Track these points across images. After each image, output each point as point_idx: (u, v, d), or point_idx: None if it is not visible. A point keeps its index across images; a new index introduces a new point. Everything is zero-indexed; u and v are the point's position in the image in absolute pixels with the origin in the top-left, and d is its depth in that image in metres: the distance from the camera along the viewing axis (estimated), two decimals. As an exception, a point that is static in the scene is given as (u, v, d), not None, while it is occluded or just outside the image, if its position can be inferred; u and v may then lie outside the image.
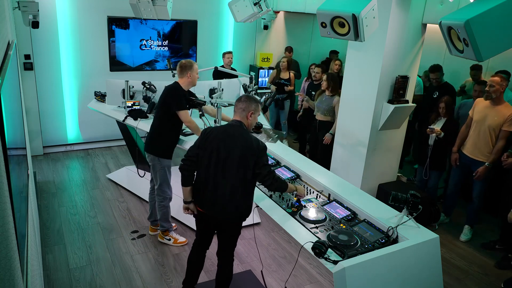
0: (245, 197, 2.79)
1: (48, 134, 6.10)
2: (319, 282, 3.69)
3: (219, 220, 2.86)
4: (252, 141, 2.72)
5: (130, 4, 4.19)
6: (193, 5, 6.61)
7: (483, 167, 4.16)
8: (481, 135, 4.18)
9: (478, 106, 4.26)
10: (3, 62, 1.82)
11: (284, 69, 6.68)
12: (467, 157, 4.35)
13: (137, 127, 4.31)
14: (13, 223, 1.32)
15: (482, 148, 4.20)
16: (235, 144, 2.70)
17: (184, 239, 4.09)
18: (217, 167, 2.73)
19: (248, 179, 2.73)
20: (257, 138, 2.80)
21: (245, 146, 2.69)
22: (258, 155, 2.69)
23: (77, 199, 4.87)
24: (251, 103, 2.82)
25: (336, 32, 2.90)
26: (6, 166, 1.32)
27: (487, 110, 4.14)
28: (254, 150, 2.69)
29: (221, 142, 2.72)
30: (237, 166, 2.69)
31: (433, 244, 2.42)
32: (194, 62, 3.72)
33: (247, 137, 2.73)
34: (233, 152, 2.70)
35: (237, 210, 2.78)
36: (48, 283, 3.45)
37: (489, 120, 4.10)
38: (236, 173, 2.70)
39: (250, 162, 2.68)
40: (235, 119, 2.83)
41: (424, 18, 4.38)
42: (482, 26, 2.07)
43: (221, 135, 2.75)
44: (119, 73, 6.21)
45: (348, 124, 4.86)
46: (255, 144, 2.70)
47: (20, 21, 4.71)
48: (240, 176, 2.71)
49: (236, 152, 2.69)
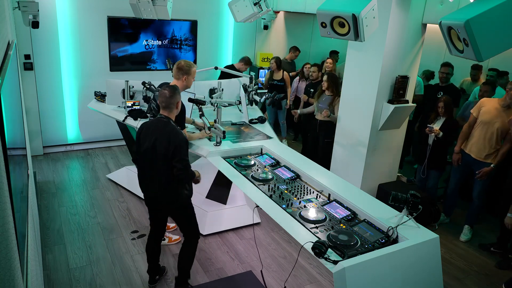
0: (176, 185, 3.04)
1: (48, 134, 6.10)
2: (319, 282, 3.69)
3: (160, 208, 3.17)
4: (173, 133, 2.95)
5: (130, 4, 4.18)
6: (193, 5, 6.61)
7: (488, 168, 4.15)
8: (488, 136, 4.16)
9: (487, 106, 4.21)
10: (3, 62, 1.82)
11: (275, 70, 6.67)
12: (470, 157, 4.34)
13: (137, 127, 4.31)
14: (13, 223, 1.32)
15: (488, 149, 4.18)
16: (161, 136, 2.96)
17: (178, 237, 4.12)
18: (149, 161, 3.01)
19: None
20: (180, 131, 3.02)
21: (168, 138, 2.94)
22: (176, 146, 2.92)
23: (77, 199, 4.87)
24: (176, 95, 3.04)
25: (336, 32, 2.90)
26: (6, 166, 1.32)
27: (498, 112, 4.11)
28: (173, 141, 2.92)
29: (148, 136, 3.01)
30: (163, 158, 2.94)
31: (433, 244, 2.42)
32: (193, 65, 3.63)
33: (172, 131, 2.96)
34: (159, 144, 2.95)
35: (172, 198, 3.07)
36: (48, 283, 3.45)
37: (499, 122, 4.09)
38: (163, 164, 2.96)
39: (170, 154, 2.93)
40: (163, 114, 3.05)
41: (424, 18, 4.38)
42: (482, 26, 2.07)
43: (150, 129, 3.03)
44: (119, 73, 6.21)
45: (348, 124, 4.86)
46: (175, 136, 2.94)
47: (20, 21, 4.70)
48: (167, 167, 2.96)
49: (162, 143, 2.94)
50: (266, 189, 3.04)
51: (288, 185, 3.13)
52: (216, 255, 3.98)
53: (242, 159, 3.56)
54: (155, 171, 3.01)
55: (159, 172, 2.99)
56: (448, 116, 4.60)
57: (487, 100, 4.30)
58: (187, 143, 3.04)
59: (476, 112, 4.31)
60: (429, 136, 4.67)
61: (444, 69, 5.29)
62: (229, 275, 3.71)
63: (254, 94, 4.96)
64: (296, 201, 2.90)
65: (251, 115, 4.65)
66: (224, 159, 3.56)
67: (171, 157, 2.93)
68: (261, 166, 3.48)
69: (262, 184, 3.13)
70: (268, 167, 3.46)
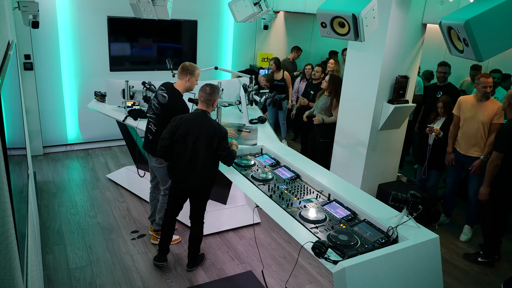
0: (213, 170, 3.38)
1: (48, 134, 6.10)
2: (319, 282, 3.69)
3: (193, 191, 3.45)
4: (215, 126, 3.28)
5: (130, 4, 4.18)
6: (193, 5, 6.61)
7: (478, 160, 4.21)
8: (473, 131, 4.27)
9: (466, 104, 4.35)
10: (3, 62, 1.82)
11: (275, 70, 6.67)
12: (460, 155, 4.42)
13: (137, 127, 4.31)
14: (13, 223, 1.32)
15: (476, 143, 4.28)
16: (202, 128, 3.25)
17: (178, 237, 4.11)
18: (189, 148, 3.27)
19: (213, 157, 3.29)
20: (220, 124, 3.39)
21: (211, 130, 3.24)
22: (220, 138, 3.23)
23: (77, 199, 4.87)
24: (215, 94, 3.37)
25: (336, 32, 2.90)
26: (6, 166, 1.32)
27: (476, 107, 4.26)
28: (217, 133, 3.24)
29: (189, 128, 3.27)
30: (206, 146, 3.24)
31: (433, 244, 2.42)
32: (197, 67, 3.70)
33: (211, 123, 3.29)
34: (201, 135, 3.25)
35: (208, 184, 3.42)
36: (48, 283, 3.45)
37: (480, 116, 4.22)
38: (205, 153, 3.26)
39: (214, 143, 3.23)
40: (201, 109, 3.36)
41: (424, 18, 4.38)
42: (482, 26, 2.07)
43: (190, 122, 3.30)
44: (119, 73, 6.21)
45: (348, 124, 4.86)
46: (217, 129, 3.26)
47: (20, 21, 4.70)
48: (209, 155, 3.27)
49: (204, 134, 3.24)
50: (266, 189, 3.04)
51: (288, 185, 3.13)
52: (216, 255, 3.98)
53: (242, 159, 3.56)
54: (196, 160, 3.28)
55: (201, 160, 3.28)
56: (448, 116, 4.61)
57: (464, 98, 4.45)
58: (227, 133, 3.37)
59: (457, 111, 4.43)
60: (429, 136, 4.67)
61: (441, 68, 5.34)
62: (229, 275, 3.71)
63: (254, 94, 4.95)
64: (296, 201, 2.90)
65: (251, 115, 4.65)
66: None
67: (216, 147, 3.23)
68: (261, 166, 3.48)
69: (262, 184, 3.13)
70: (268, 167, 3.46)
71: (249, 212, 4.49)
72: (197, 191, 3.45)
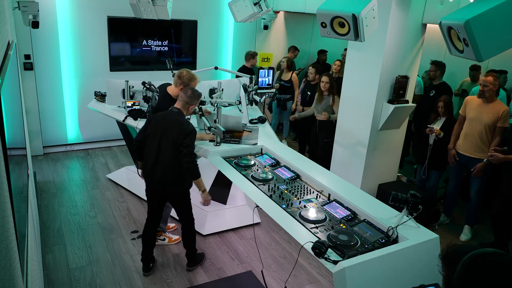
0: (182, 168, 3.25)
1: (48, 134, 6.10)
2: (319, 282, 3.69)
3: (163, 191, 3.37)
4: (184, 123, 3.23)
5: (130, 4, 4.18)
6: (193, 5, 6.61)
7: (481, 163, 4.19)
8: (477, 133, 4.24)
9: (471, 104, 4.33)
10: (3, 62, 1.82)
11: (285, 69, 6.67)
12: (464, 156, 4.39)
13: (137, 127, 4.31)
14: (13, 223, 1.32)
15: (479, 145, 4.25)
16: (171, 125, 3.22)
17: (178, 237, 4.11)
18: (156, 144, 3.24)
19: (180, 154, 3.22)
20: (190, 123, 3.30)
21: (178, 126, 3.20)
22: (185, 133, 3.18)
23: (77, 199, 4.87)
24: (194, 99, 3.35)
25: (336, 32, 2.90)
26: (6, 166, 1.32)
27: (481, 108, 4.22)
28: (184, 130, 3.19)
29: (159, 124, 3.26)
30: (172, 143, 3.19)
31: (433, 244, 2.41)
32: (194, 78, 3.69)
33: (180, 121, 3.24)
34: (168, 131, 3.21)
35: (176, 183, 3.30)
36: (48, 283, 3.45)
37: (484, 118, 4.18)
38: (171, 150, 3.20)
39: (179, 139, 3.18)
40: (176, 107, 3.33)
41: (424, 18, 4.38)
42: (482, 26, 2.07)
43: (160, 118, 3.29)
44: (119, 73, 6.21)
45: (348, 124, 4.86)
46: (185, 126, 3.21)
47: (20, 21, 4.70)
48: (175, 153, 3.20)
49: (171, 131, 3.20)
50: (266, 189, 3.04)
51: (288, 185, 3.13)
52: (216, 255, 3.98)
53: (242, 159, 3.55)
54: (162, 156, 3.24)
55: (167, 158, 3.23)
56: (448, 116, 4.61)
57: (470, 98, 4.42)
58: (195, 133, 3.29)
59: (463, 111, 4.41)
60: (430, 136, 4.67)
61: (431, 67, 5.41)
62: (229, 275, 3.71)
63: (254, 94, 4.95)
64: (296, 201, 2.89)
65: (251, 115, 4.65)
66: (224, 159, 3.56)
67: (180, 143, 3.17)
68: (261, 166, 3.48)
69: (262, 184, 3.13)
70: (268, 167, 3.46)
71: (249, 212, 4.49)
72: (168, 191, 3.37)
